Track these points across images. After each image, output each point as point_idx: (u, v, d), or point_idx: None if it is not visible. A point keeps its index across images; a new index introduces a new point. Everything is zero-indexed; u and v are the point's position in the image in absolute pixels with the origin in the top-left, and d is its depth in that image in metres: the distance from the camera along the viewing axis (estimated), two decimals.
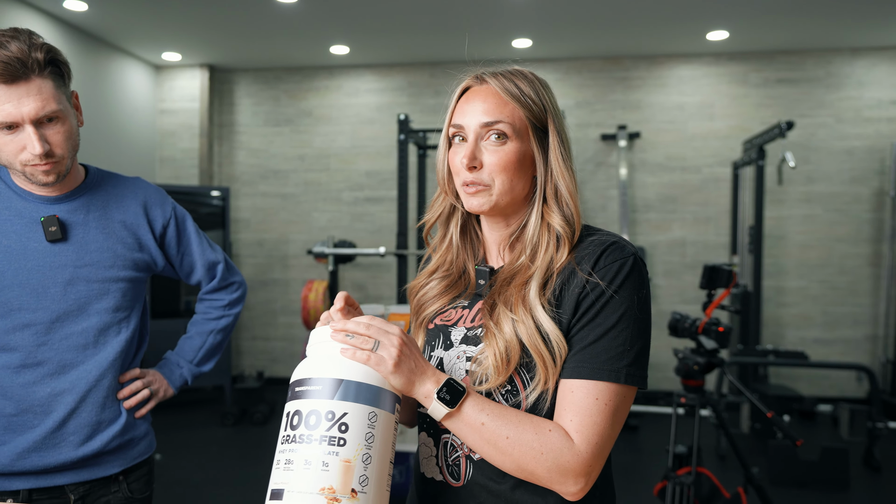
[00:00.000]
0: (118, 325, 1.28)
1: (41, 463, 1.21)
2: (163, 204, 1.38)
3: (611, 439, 0.86)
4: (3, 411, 1.20)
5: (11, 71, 1.09)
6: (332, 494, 0.75)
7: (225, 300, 1.52)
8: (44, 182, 1.20)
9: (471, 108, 0.94)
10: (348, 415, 0.79)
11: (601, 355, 0.86)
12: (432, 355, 1.00)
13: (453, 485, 0.95)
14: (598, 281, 0.89)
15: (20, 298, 1.20)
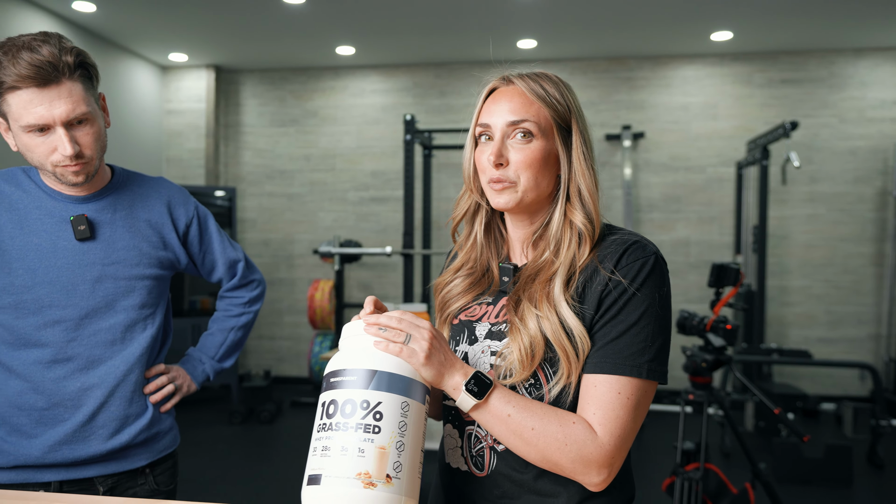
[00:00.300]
0: (144, 322, 1.31)
1: (72, 455, 1.24)
2: (186, 203, 1.41)
3: (633, 432, 0.89)
4: (35, 405, 1.23)
5: (44, 75, 1.12)
6: (367, 479, 0.78)
7: (245, 297, 1.55)
8: (73, 182, 1.22)
9: (497, 108, 0.98)
10: (382, 404, 0.82)
11: (623, 351, 0.89)
12: (457, 350, 1.02)
13: (477, 475, 0.98)
14: (621, 279, 0.91)
15: (51, 295, 1.23)
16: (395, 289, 5.91)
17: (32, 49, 1.11)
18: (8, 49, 1.12)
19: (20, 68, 1.10)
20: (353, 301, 5.92)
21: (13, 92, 1.13)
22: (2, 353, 1.23)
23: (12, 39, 1.13)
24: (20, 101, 1.13)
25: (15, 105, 1.14)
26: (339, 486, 0.78)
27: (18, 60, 1.10)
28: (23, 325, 1.22)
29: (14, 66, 1.10)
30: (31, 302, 1.22)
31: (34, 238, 1.23)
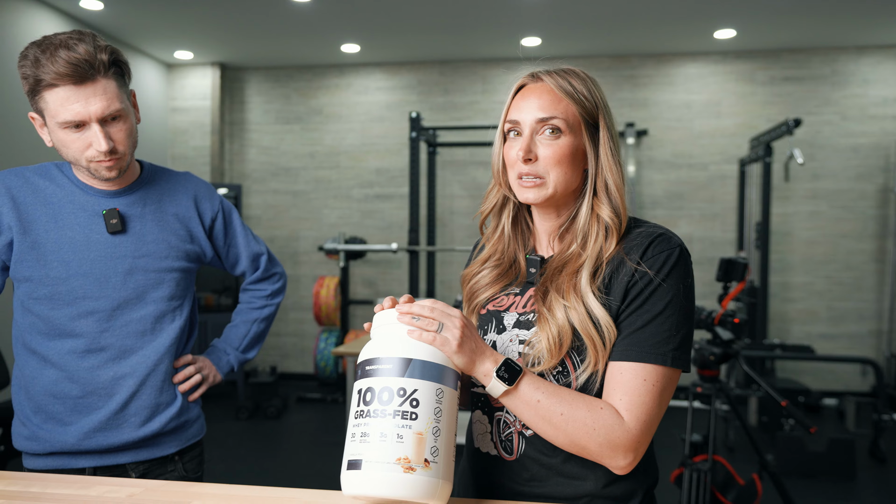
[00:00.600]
0: (172, 313, 1.34)
1: (105, 442, 1.28)
2: (211, 198, 1.45)
3: (657, 418, 0.92)
4: (70, 394, 1.26)
5: (80, 73, 1.15)
6: (407, 464, 0.81)
7: (268, 290, 1.58)
8: (107, 177, 1.25)
9: (526, 105, 1.00)
10: (418, 391, 0.84)
11: (649, 340, 0.92)
12: (485, 338, 1.05)
13: (506, 459, 1.01)
14: (647, 270, 0.94)
15: (84, 287, 1.26)
16: (399, 285, 5.95)
17: (69, 47, 1.14)
18: (45, 48, 1.14)
19: (58, 66, 1.13)
20: (358, 298, 5.95)
21: (51, 89, 1.16)
22: (37, 343, 1.26)
23: (48, 38, 1.16)
24: (57, 99, 1.16)
25: (52, 102, 1.17)
26: (380, 471, 0.81)
27: (56, 59, 1.13)
28: (58, 316, 1.25)
29: (52, 64, 1.13)
30: (66, 293, 1.25)
31: (68, 231, 1.26)
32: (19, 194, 1.26)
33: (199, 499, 0.96)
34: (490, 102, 5.81)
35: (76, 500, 0.96)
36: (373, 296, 5.99)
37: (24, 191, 1.27)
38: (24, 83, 1.18)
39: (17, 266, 1.25)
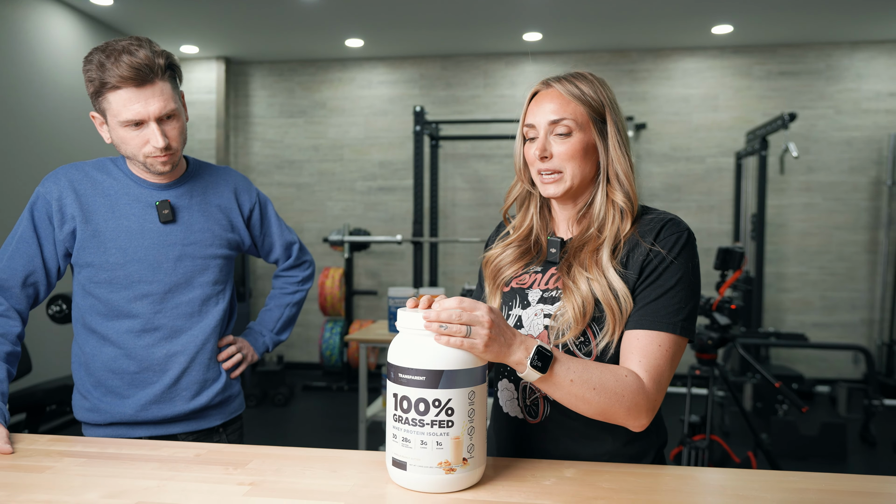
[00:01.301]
0: (216, 297, 1.45)
1: (160, 414, 1.39)
2: (249, 190, 1.56)
3: (668, 380, 1.03)
4: (128, 370, 1.38)
5: (141, 76, 1.25)
6: (448, 466, 0.93)
7: (299, 277, 1.70)
8: (160, 171, 1.35)
9: (540, 109, 1.12)
10: (452, 400, 0.93)
11: (662, 311, 1.04)
12: (510, 314, 1.16)
13: (531, 422, 1.13)
14: (660, 250, 1.06)
15: (139, 272, 1.36)
16: (402, 276, 6.06)
17: (131, 53, 1.24)
18: (109, 53, 1.24)
19: (122, 70, 1.23)
20: (362, 288, 6.06)
21: (114, 91, 1.26)
22: (97, 323, 1.37)
23: (111, 44, 1.26)
24: (120, 100, 1.26)
25: (115, 103, 1.27)
26: (424, 474, 0.93)
27: (120, 63, 1.23)
28: (116, 298, 1.36)
29: (117, 68, 1.23)
30: (123, 278, 1.36)
31: (124, 221, 1.37)
32: (80, 187, 1.37)
33: (257, 458, 1.07)
34: (491, 96, 5.91)
35: (149, 458, 1.07)
36: (376, 286, 6.10)
37: (85, 184, 1.38)
38: (88, 85, 1.28)
39: (80, 252, 1.36)
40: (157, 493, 0.92)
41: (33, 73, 4.36)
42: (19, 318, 1.33)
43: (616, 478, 1.00)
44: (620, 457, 1.10)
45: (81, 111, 4.84)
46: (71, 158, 4.71)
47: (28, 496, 0.91)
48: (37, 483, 0.96)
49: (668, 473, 1.04)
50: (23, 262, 1.34)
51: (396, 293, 3.12)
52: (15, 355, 1.29)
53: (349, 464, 1.05)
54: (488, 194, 5.95)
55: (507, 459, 1.09)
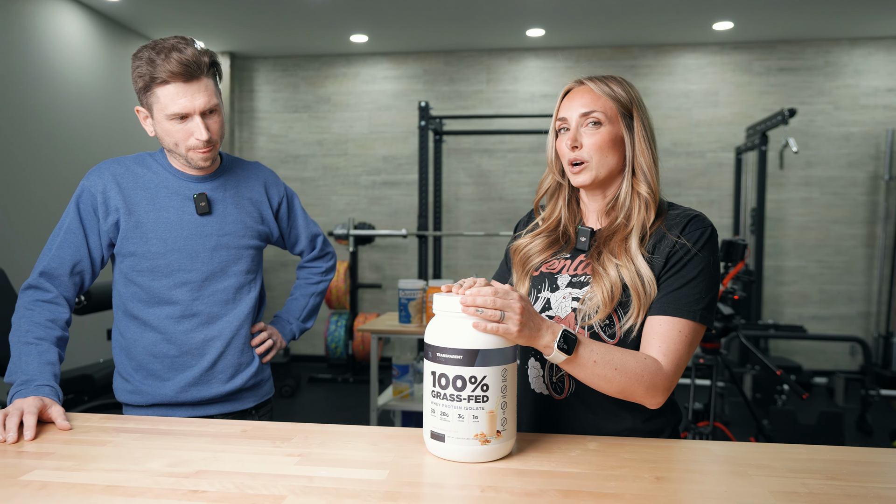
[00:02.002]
0: (248, 286, 1.53)
1: (198, 395, 1.46)
2: (277, 184, 1.63)
3: (685, 364, 1.12)
4: (168, 353, 1.45)
5: (189, 72, 1.32)
6: (483, 438, 1.00)
7: (322, 267, 1.77)
8: (201, 165, 1.42)
9: (572, 104, 1.21)
10: (487, 377, 0.99)
11: (683, 299, 1.12)
12: (539, 296, 1.24)
13: (556, 398, 1.21)
14: (686, 242, 1.14)
15: (179, 261, 1.43)
16: (406, 269, 6.13)
17: (180, 50, 1.31)
18: (159, 50, 1.32)
19: (171, 66, 1.30)
20: (367, 281, 6.13)
21: (163, 86, 1.33)
22: (139, 309, 1.44)
23: (159, 42, 1.33)
24: (167, 94, 1.33)
25: (163, 97, 1.34)
26: (461, 445, 1.00)
27: (170, 59, 1.30)
28: (157, 286, 1.43)
29: (167, 64, 1.30)
30: (164, 266, 1.43)
31: (164, 213, 1.44)
32: (123, 180, 1.44)
33: (300, 434, 1.15)
34: (494, 92, 5.98)
35: (199, 434, 1.14)
36: (380, 280, 6.17)
37: (126, 177, 1.44)
38: (137, 80, 1.35)
39: (123, 242, 1.43)
40: (214, 463, 1.00)
41: (43, 69, 4.41)
42: (67, 305, 1.40)
43: (635, 450, 1.08)
44: (639, 432, 1.18)
45: (90, 106, 4.90)
46: (79, 153, 4.77)
47: (96, 465, 0.98)
48: (101, 454, 1.03)
49: (683, 446, 1.12)
50: (70, 252, 1.41)
51: (406, 285, 3.19)
52: (64, 340, 1.36)
53: (387, 438, 1.13)
54: (491, 189, 6.02)
55: (533, 434, 1.17)
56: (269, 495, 0.88)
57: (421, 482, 0.94)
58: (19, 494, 0.87)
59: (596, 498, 0.88)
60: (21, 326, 1.32)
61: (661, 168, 1.25)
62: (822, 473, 0.98)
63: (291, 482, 0.92)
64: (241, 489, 0.90)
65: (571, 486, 0.92)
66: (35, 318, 1.34)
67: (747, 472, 0.98)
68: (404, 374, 3.31)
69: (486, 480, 0.94)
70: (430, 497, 0.89)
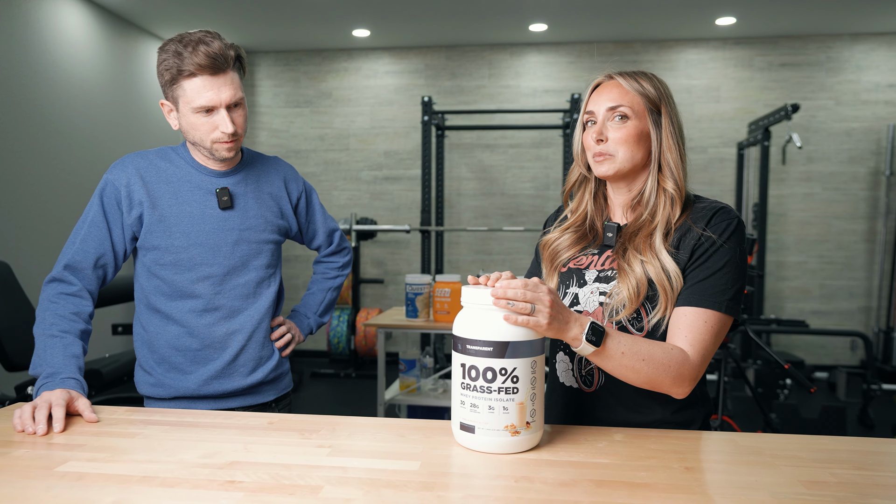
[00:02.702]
0: (269, 280, 1.53)
1: (220, 389, 1.47)
2: (297, 179, 1.63)
3: (711, 354, 1.12)
4: (190, 347, 1.45)
5: (216, 65, 1.32)
6: (513, 429, 1.01)
7: (339, 262, 1.78)
8: (224, 157, 1.42)
9: (600, 98, 1.21)
10: (517, 369, 1.00)
11: (709, 290, 1.12)
12: (567, 292, 1.25)
13: (586, 390, 1.23)
14: (711, 234, 1.14)
15: (201, 255, 1.43)
16: (408, 265, 6.14)
17: (207, 43, 1.32)
18: (186, 43, 1.32)
19: (199, 59, 1.31)
20: (369, 276, 6.14)
21: (190, 78, 1.33)
22: (161, 303, 1.44)
23: (185, 36, 1.33)
24: (194, 87, 1.33)
25: (190, 90, 1.34)
26: (491, 437, 1.01)
27: (197, 52, 1.30)
28: (180, 280, 1.44)
29: (194, 56, 1.31)
30: (187, 260, 1.43)
31: (187, 207, 1.44)
32: (146, 174, 1.44)
33: (326, 426, 1.15)
34: (496, 87, 5.98)
35: (226, 426, 1.15)
36: (382, 275, 6.18)
37: (150, 171, 1.44)
38: (164, 73, 1.35)
39: (147, 236, 1.43)
40: (246, 454, 1.00)
41: (45, 64, 4.40)
42: (90, 299, 1.40)
43: (661, 441, 1.09)
44: (669, 424, 1.19)
45: (93, 101, 4.88)
46: (82, 147, 4.76)
47: (129, 456, 0.99)
48: (132, 446, 1.03)
49: (708, 437, 1.13)
50: (94, 245, 1.41)
51: (413, 280, 3.20)
52: (88, 333, 1.36)
53: (413, 430, 1.14)
54: (493, 184, 6.03)
55: (560, 426, 1.17)
56: (306, 486, 0.88)
57: (454, 472, 0.95)
58: (57, 486, 0.87)
59: (629, 487, 0.89)
60: (45, 319, 1.33)
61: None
62: (849, 463, 0.99)
63: (326, 473, 0.93)
64: (278, 480, 0.90)
65: (603, 476, 0.93)
66: (59, 311, 1.34)
67: (774, 463, 0.99)
68: (411, 368, 3.32)
69: (518, 471, 0.95)
70: (465, 487, 0.90)
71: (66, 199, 4.58)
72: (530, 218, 5.97)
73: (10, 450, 1.01)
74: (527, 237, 6.00)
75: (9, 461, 0.96)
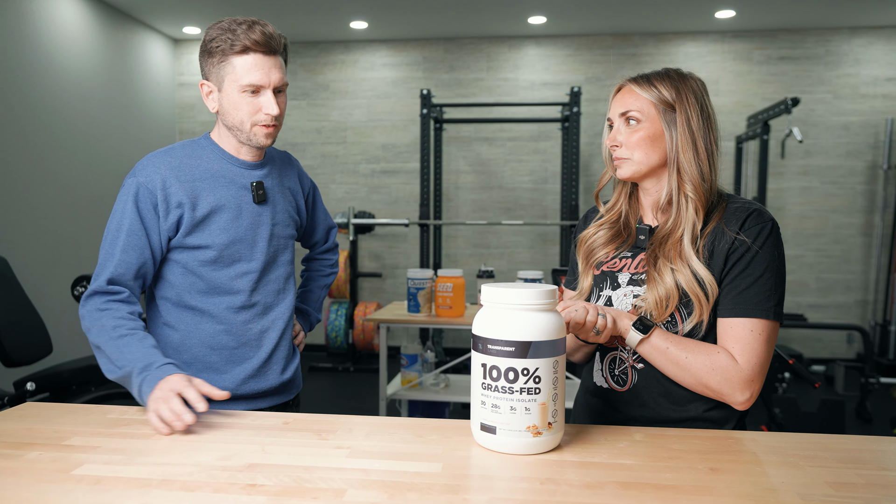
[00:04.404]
0: (292, 276, 1.51)
1: (255, 388, 1.44)
2: (305, 175, 1.62)
3: (767, 361, 1.13)
4: (227, 345, 1.41)
5: (270, 46, 1.32)
6: (535, 430, 1.00)
7: (332, 259, 1.76)
8: (263, 144, 1.38)
9: (615, 104, 1.25)
10: (539, 369, 0.99)
11: (753, 299, 1.13)
12: (601, 294, 1.27)
13: (618, 390, 1.24)
14: (745, 239, 1.14)
15: (240, 251, 1.40)
16: (406, 258, 6.12)
17: (262, 25, 1.32)
18: (240, 22, 1.32)
19: (256, 36, 1.30)
20: (366, 270, 6.12)
21: (242, 55, 1.31)
22: (197, 300, 1.40)
23: (236, 19, 1.33)
24: (246, 64, 1.31)
25: (240, 66, 1.32)
26: (513, 437, 1.00)
27: (254, 30, 1.30)
28: (220, 276, 1.39)
29: (251, 33, 1.30)
30: (227, 257, 1.39)
31: (225, 202, 1.39)
32: (181, 173, 1.37)
33: (342, 426, 1.14)
34: (494, 79, 5.95)
35: (241, 426, 1.13)
36: (380, 269, 6.15)
37: (183, 169, 1.38)
38: (213, 50, 1.33)
39: (187, 236, 1.37)
40: (264, 456, 0.99)
41: (40, 56, 4.34)
42: (138, 303, 1.36)
43: (683, 440, 1.08)
44: (703, 421, 1.20)
45: (88, 93, 4.83)
46: (77, 141, 4.71)
47: (146, 458, 0.97)
48: (148, 448, 1.02)
49: (731, 437, 1.12)
50: (136, 256, 1.34)
51: (415, 275, 3.18)
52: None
53: (430, 430, 1.12)
54: (491, 177, 6.01)
55: (576, 426, 1.16)
56: (329, 489, 0.87)
57: (476, 475, 0.94)
58: (76, 490, 0.85)
59: (656, 490, 0.88)
60: (105, 325, 1.27)
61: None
62: (874, 464, 0.99)
63: (348, 475, 0.91)
64: (299, 483, 0.89)
65: (629, 479, 0.92)
66: (117, 314, 1.29)
67: (798, 463, 0.98)
68: (413, 363, 3.31)
69: (542, 473, 0.94)
70: (490, 489, 0.88)
71: (63, 194, 4.54)
72: (528, 211, 5.96)
73: (23, 452, 0.99)
74: (525, 231, 5.98)
75: (23, 464, 0.94)
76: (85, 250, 4.72)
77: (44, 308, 3.60)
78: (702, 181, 1.18)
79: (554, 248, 5.88)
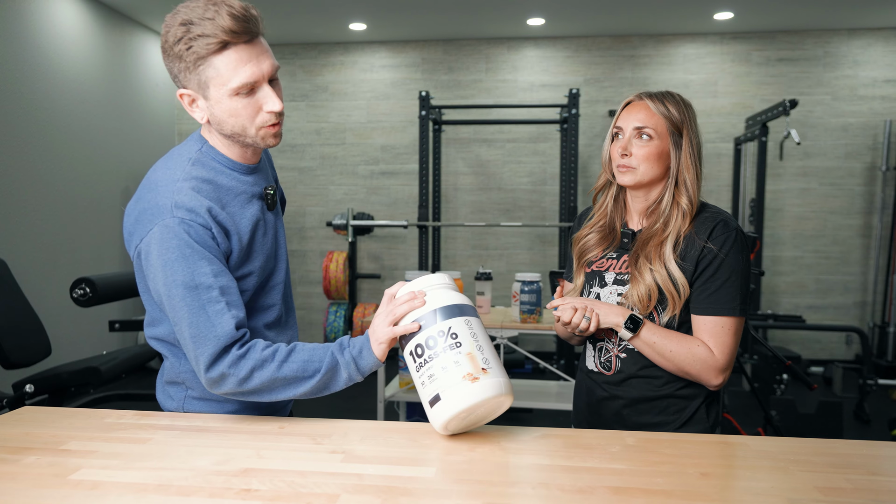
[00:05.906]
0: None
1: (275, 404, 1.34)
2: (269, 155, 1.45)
3: (734, 350, 1.32)
4: None
5: (249, 29, 1.07)
6: (471, 376, 1.05)
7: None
8: (272, 145, 1.18)
9: (629, 117, 1.38)
10: (452, 327, 1.09)
11: (721, 299, 1.32)
12: (591, 291, 1.45)
13: (605, 374, 1.44)
14: (713, 247, 1.32)
15: (269, 264, 1.27)
16: (405, 260, 6.13)
17: (228, 4, 1.07)
18: (206, 8, 1.06)
19: (226, 22, 1.05)
20: (365, 272, 6.12)
21: (221, 52, 1.07)
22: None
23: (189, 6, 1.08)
24: (229, 62, 1.08)
25: (223, 66, 1.08)
26: (455, 391, 1.04)
27: (222, 15, 1.05)
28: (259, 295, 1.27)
29: (220, 19, 1.05)
30: (264, 277, 1.27)
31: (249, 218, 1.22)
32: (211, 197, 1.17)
33: (337, 431, 1.15)
34: (493, 81, 5.96)
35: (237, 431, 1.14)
36: (379, 270, 6.17)
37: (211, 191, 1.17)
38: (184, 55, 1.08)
39: (236, 267, 1.21)
40: (259, 461, 1.00)
41: (38, 58, 4.35)
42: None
43: (674, 445, 1.09)
44: (675, 398, 1.38)
45: (87, 95, 4.84)
46: (75, 142, 4.72)
47: (143, 463, 0.98)
48: (145, 452, 1.03)
49: (722, 441, 1.13)
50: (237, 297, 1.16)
51: (413, 276, 3.19)
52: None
53: (424, 434, 1.13)
54: (490, 179, 6.02)
55: (568, 430, 1.18)
56: (323, 494, 0.88)
57: (470, 479, 0.95)
58: (73, 495, 0.86)
59: (646, 494, 0.89)
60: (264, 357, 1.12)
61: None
62: (864, 468, 0.99)
63: (342, 480, 0.92)
64: (294, 488, 0.90)
65: (620, 483, 0.93)
66: (261, 346, 1.14)
67: (788, 468, 0.99)
68: None
69: (536, 478, 0.95)
70: (484, 495, 0.89)
71: (62, 196, 4.55)
72: (527, 213, 5.97)
73: (21, 457, 1.00)
74: (524, 232, 5.99)
75: (20, 469, 0.95)
76: (84, 252, 4.73)
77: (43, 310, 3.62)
78: (696, 195, 1.35)
79: (553, 250, 5.89)
